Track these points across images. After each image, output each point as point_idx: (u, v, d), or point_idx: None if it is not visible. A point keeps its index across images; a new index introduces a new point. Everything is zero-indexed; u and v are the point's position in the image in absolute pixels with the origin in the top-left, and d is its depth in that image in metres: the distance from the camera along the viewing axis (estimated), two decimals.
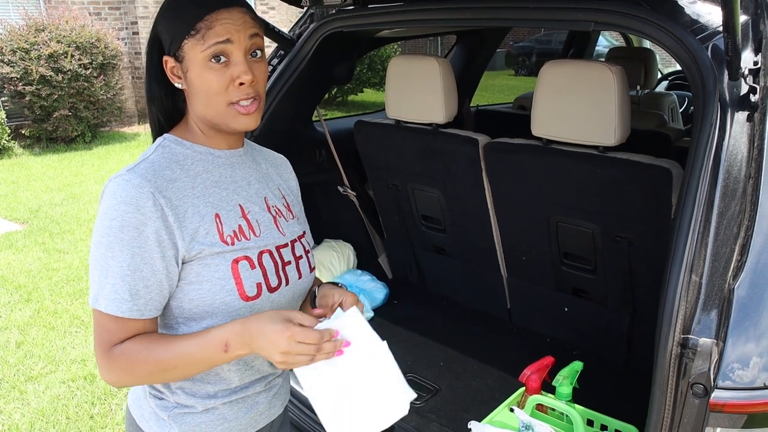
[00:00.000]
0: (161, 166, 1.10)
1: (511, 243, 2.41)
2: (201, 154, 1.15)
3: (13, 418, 2.96)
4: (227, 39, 1.06)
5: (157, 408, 1.19)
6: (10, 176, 7.53)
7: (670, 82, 5.46)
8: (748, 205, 1.24)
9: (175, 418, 1.18)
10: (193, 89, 1.10)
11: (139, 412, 1.23)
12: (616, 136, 1.82)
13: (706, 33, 1.48)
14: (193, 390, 1.17)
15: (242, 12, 1.10)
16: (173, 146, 1.14)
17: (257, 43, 1.12)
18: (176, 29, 1.08)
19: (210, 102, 1.10)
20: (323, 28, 2.24)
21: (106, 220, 1.04)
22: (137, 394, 1.25)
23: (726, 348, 1.13)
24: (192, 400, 1.18)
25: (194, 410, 1.18)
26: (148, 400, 1.21)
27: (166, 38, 1.10)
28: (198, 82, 1.08)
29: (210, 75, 1.07)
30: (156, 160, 1.10)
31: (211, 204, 1.13)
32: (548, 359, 1.80)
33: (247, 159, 1.24)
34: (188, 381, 1.17)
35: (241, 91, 1.09)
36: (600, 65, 1.84)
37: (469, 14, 1.90)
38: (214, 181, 1.15)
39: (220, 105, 1.10)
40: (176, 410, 1.18)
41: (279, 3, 11.72)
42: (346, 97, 12.55)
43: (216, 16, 1.06)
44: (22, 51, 8.35)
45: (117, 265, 1.03)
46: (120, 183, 1.05)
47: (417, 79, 2.24)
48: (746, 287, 1.16)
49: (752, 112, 1.31)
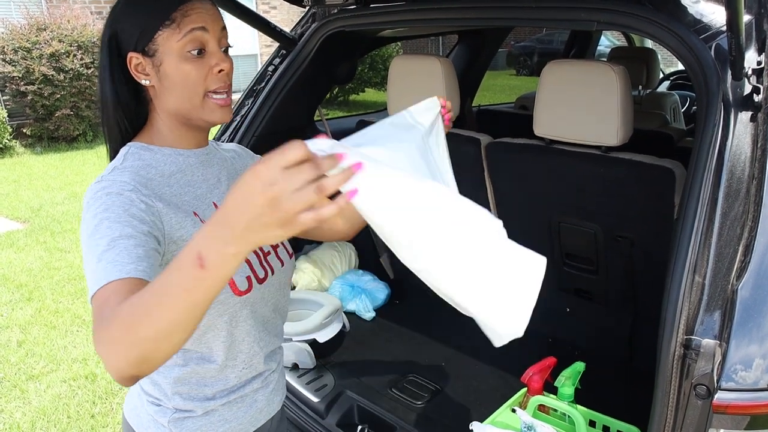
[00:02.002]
0: (136, 169, 1.07)
1: None
2: (170, 156, 1.13)
3: (14, 416, 2.97)
4: (203, 27, 1.06)
5: (156, 414, 1.18)
6: (11, 175, 7.54)
7: (672, 82, 5.45)
8: (752, 205, 1.23)
9: (175, 423, 1.17)
10: (167, 83, 1.08)
11: (137, 420, 1.22)
12: (618, 136, 1.81)
13: (710, 33, 1.48)
14: (190, 394, 1.16)
15: (212, 4, 1.11)
16: (141, 152, 1.11)
17: (226, 36, 1.12)
18: (146, 22, 1.06)
19: (187, 94, 1.08)
20: (325, 28, 2.23)
21: (90, 212, 0.97)
22: (134, 402, 1.24)
23: (729, 349, 1.13)
24: (191, 404, 1.16)
25: (194, 414, 1.17)
26: (145, 407, 1.20)
27: (132, 34, 1.07)
28: (175, 74, 1.07)
29: (188, 65, 1.06)
30: (128, 166, 1.07)
31: (188, 203, 1.11)
32: (550, 360, 1.80)
33: (214, 157, 1.22)
34: (185, 385, 1.15)
35: (219, 79, 1.09)
36: (602, 65, 1.84)
37: (471, 14, 1.90)
38: (187, 181, 1.14)
39: (198, 96, 1.08)
40: (175, 415, 1.17)
41: (280, 2, 11.73)
42: (348, 96, 12.55)
43: (190, 5, 1.06)
44: (23, 50, 8.36)
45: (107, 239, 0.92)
46: (101, 184, 1.01)
47: (419, 79, 2.23)
48: (750, 288, 1.16)
49: (756, 112, 1.30)
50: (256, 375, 1.24)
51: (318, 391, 2.08)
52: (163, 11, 1.05)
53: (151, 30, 1.06)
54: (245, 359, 1.19)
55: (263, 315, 1.21)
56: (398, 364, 2.27)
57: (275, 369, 1.30)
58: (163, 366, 1.14)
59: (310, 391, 2.09)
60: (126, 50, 1.07)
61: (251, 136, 2.23)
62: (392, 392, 2.11)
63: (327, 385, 2.12)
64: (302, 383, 2.13)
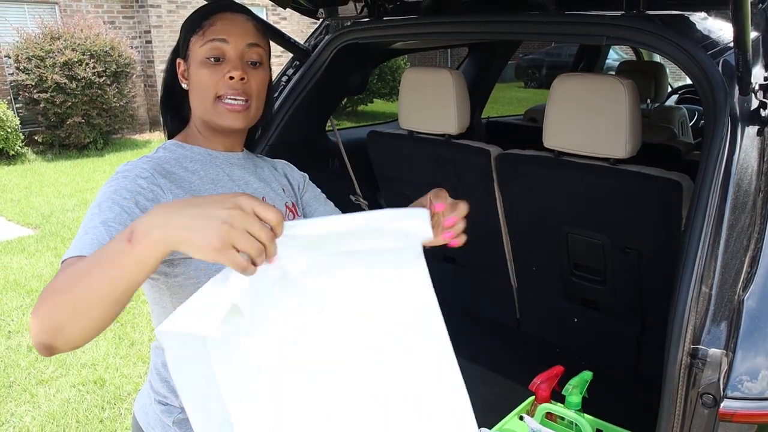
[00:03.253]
0: (161, 161, 1.13)
1: (522, 253, 2.43)
2: (199, 155, 1.18)
3: (24, 420, 2.99)
4: (224, 38, 1.12)
5: (162, 414, 1.19)
6: (23, 182, 7.60)
7: (680, 96, 5.45)
8: (758, 218, 1.25)
9: (179, 423, 1.17)
10: (191, 85, 1.16)
11: (145, 419, 1.23)
12: (627, 149, 1.83)
13: (717, 48, 1.50)
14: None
15: (245, 20, 1.16)
16: (174, 148, 1.18)
17: (257, 52, 1.15)
18: (187, 29, 1.16)
19: (201, 96, 1.14)
20: (339, 40, 2.27)
21: (104, 187, 1.04)
22: (143, 401, 1.25)
23: (735, 358, 1.14)
24: None
25: None
26: (153, 406, 1.21)
27: (181, 41, 1.18)
28: (195, 77, 1.14)
29: (204, 70, 1.12)
30: (156, 157, 1.14)
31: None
32: (558, 368, 1.81)
33: (247, 162, 1.26)
34: None
35: (228, 85, 1.11)
36: (611, 79, 1.86)
37: (482, 27, 1.93)
38: (211, 178, 1.17)
39: (209, 99, 1.13)
40: (180, 415, 1.17)
41: (290, 13, 11.80)
42: (357, 107, 12.60)
43: (220, 17, 1.13)
44: (37, 59, 8.46)
45: (102, 217, 0.96)
46: (126, 167, 1.08)
47: (430, 91, 2.26)
48: (756, 298, 1.18)
49: (762, 127, 1.32)
50: None
51: None
52: (198, 20, 1.15)
53: (188, 37, 1.16)
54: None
55: None
56: None
57: None
58: None
59: None
60: (177, 56, 1.20)
61: (264, 145, 2.26)
62: None
63: None
64: None
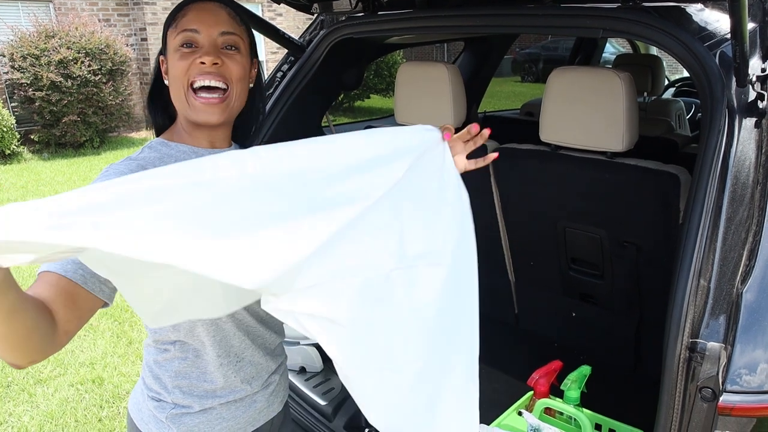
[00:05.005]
0: (144, 162, 1.11)
1: (519, 248, 2.42)
2: (184, 153, 1.16)
3: (22, 420, 2.98)
4: (194, 28, 1.10)
5: (156, 410, 1.19)
6: (19, 181, 7.58)
7: (677, 89, 5.45)
8: (756, 210, 1.25)
9: (173, 419, 1.18)
10: (169, 79, 1.14)
11: (139, 415, 1.23)
12: (624, 142, 1.82)
13: (714, 40, 1.50)
14: (190, 388, 1.18)
15: (218, 8, 1.13)
16: (159, 147, 1.16)
17: (230, 40, 1.13)
18: (166, 25, 1.16)
19: (177, 87, 1.11)
20: (333, 35, 2.25)
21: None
22: (137, 398, 1.25)
23: (734, 352, 1.14)
24: (189, 399, 1.18)
25: (191, 410, 1.18)
26: (146, 403, 1.21)
27: (163, 38, 1.17)
28: (171, 69, 1.12)
29: (176, 59, 1.10)
30: (141, 158, 1.12)
31: None
32: (556, 363, 1.81)
33: None
34: (185, 379, 1.17)
35: (200, 70, 1.09)
36: (608, 72, 1.85)
37: (478, 21, 1.92)
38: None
39: (182, 90, 1.10)
40: (173, 411, 1.18)
41: (286, 10, 11.78)
42: (353, 103, 12.59)
43: (191, 7, 1.12)
44: (32, 57, 8.42)
45: None
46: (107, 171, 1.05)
47: (426, 85, 2.25)
48: (754, 292, 1.17)
49: (760, 119, 1.32)
50: (255, 375, 1.24)
51: (325, 395, 2.10)
52: (173, 14, 1.14)
53: (165, 32, 1.15)
54: (237, 353, 1.19)
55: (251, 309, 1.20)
56: None
57: (275, 370, 1.30)
58: (164, 359, 1.16)
59: (317, 395, 2.10)
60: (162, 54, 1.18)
61: (259, 141, 2.25)
62: None
63: (334, 389, 2.14)
64: (309, 386, 2.14)
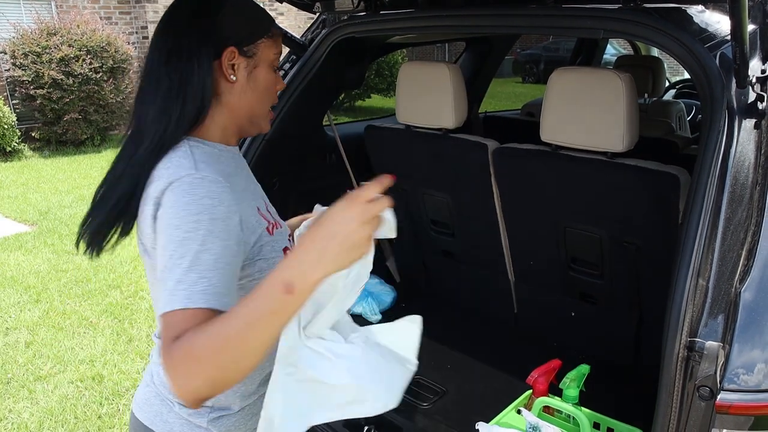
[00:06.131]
0: (212, 161, 1.07)
1: (519, 248, 2.43)
2: (224, 152, 1.15)
3: (22, 416, 2.99)
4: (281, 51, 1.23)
5: (191, 417, 1.16)
6: (20, 178, 7.59)
7: (677, 91, 5.45)
8: (755, 210, 1.26)
9: (213, 422, 1.17)
10: (254, 85, 1.16)
11: (165, 426, 1.18)
12: (624, 143, 1.83)
13: (715, 41, 1.50)
14: (233, 391, 1.17)
15: None
16: (201, 146, 1.10)
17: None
18: (255, 26, 1.15)
19: (265, 99, 1.20)
20: (335, 34, 2.26)
21: (191, 215, 0.95)
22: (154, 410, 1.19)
23: (732, 351, 1.15)
24: (230, 400, 1.18)
25: (231, 411, 1.19)
26: (175, 411, 1.17)
27: (238, 31, 1.12)
28: (264, 80, 1.17)
29: (271, 76, 1.19)
30: (201, 158, 1.05)
31: (252, 197, 1.17)
32: (555, 362, 1.81)
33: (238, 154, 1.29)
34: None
35: (275, 97, 1.24)
36: (609, 72, 1.86)
37: (480, 21, 1.92)
38: (244, 176, 1.21)
39: (266, 105, 1.21)
40: (213, 414, 1.17)
41: (288, 9, 11.78)
42: (354, 102, 12.59)
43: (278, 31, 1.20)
44: (34, 54, 8.44)
45: (211, 258, 0.93)
46: (194, 180, 0.99)
47: (427, 85, 2.26)
48: (752, 291, 1.18)
49: (759, 120, 1.32)
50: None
51: None
52: (267, 24, 1.18)
53: (258, 35, 1.15)
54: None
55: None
56: None
57: None
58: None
59: None
60: (224, 44, 1.10)
61: (261, 139, 2.26)
62: None
63: None
64: None
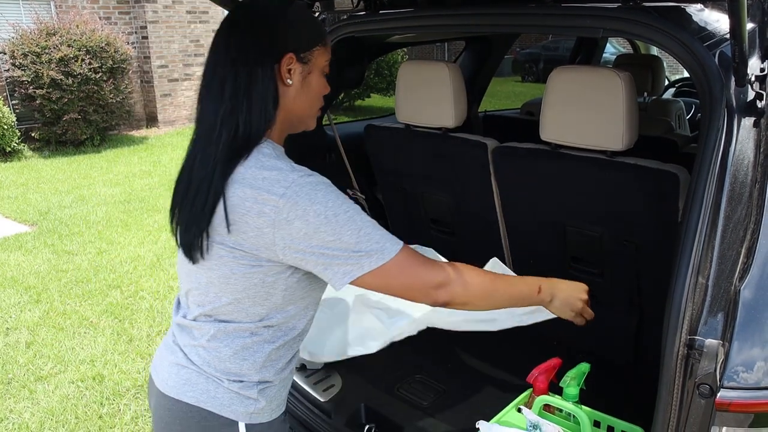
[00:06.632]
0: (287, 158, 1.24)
1: (519, 246, 2.43)
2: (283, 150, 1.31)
3: (23, 417, 2.99)
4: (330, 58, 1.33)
5: (241, 390, 1.30)
6: (19, 179, 7.59)
7: (677, 89, 5.46)
8: (754, 208, 1.26)
9: (261, 392, 1.31)
10: (307, 90, 1.28)
11: (215, 402, 1.29)
12: (623, 141, 1.83)
13: (714, 40, 1.51)
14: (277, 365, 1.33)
15: None
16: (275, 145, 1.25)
17: None
18: (311, 36, 1.27)
19: (316, 103, 1.33)
20: (335, 33, 2.26)
21: (336, 201, 1.16)
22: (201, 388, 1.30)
23: (732, 349, 1.15)
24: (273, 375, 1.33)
25: (274, 383, 1.34)
26: (225, 386, 1.29)
27: (298, 38, 1.24)
28: (317, 85, 1.30)
29: (322, 81, 1.31)
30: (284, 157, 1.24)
31: None
32: (555, 360, 1.81)
33: None
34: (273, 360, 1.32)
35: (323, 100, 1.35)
36: (608, 71, 1.86)
37: (479, 20, 1.92)
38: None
39: (316, 108, 1.33)
40: (260, 386, 1.31)
41: None
42: (353, 101, 12.59)
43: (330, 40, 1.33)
44: (33, 54, 8.43)
45: (370, 220, 1.19)
46: (318, 181, 1.17)
47: (427, 84, 2.26)
48: (752, 289, 1.19)
49: (758, 118, 1.33)
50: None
51: (325, 391, 2.11)
52: (321, 33, 1.30)
53: (313, 42, 1.27)
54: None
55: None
56: (405, 365, 2.29)
57: None
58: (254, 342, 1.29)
59: (317, 391, 2.11)
60: (283, 50, 1.22)
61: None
62: (399, 393, 2.13)
63: (334, 386, 2.15)
64: (310, 383, 2.15)
